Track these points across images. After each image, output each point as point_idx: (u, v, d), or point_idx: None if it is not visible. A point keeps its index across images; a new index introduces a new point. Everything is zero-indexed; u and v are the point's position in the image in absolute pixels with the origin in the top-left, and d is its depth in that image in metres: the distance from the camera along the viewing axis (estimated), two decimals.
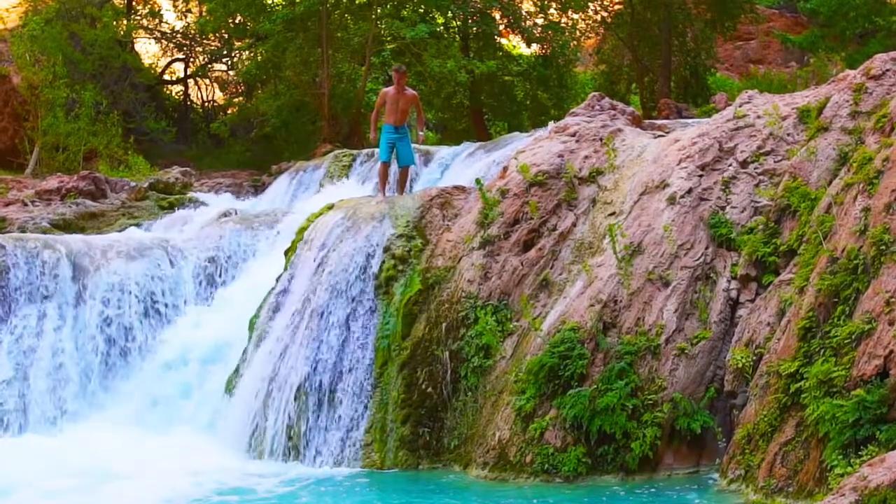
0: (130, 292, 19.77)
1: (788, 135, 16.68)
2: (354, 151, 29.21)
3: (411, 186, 23.01)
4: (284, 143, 38.49)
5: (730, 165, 16.50)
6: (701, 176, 16.36)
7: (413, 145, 21.09)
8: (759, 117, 17.17)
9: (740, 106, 17.83)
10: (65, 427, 18.02)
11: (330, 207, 19.24)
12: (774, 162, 16.36)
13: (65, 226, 25.21)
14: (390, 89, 19.03)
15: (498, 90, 40.17)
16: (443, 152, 27.12)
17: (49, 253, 19.82)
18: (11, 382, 18.24)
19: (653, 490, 13.54)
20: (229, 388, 17.47)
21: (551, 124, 20.13)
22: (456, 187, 19.30)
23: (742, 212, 15.87)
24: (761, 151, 16.56)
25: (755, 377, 13.54)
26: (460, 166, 24.88)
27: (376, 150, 28.05)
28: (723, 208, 15.93)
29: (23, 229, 24.23)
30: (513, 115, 40.21)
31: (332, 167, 27.95)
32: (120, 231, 24.08)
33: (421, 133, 19.87)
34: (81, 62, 37.50)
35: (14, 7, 40.10)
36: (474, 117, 39.65)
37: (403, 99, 19.06)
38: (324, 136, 35.18)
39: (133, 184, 28.93)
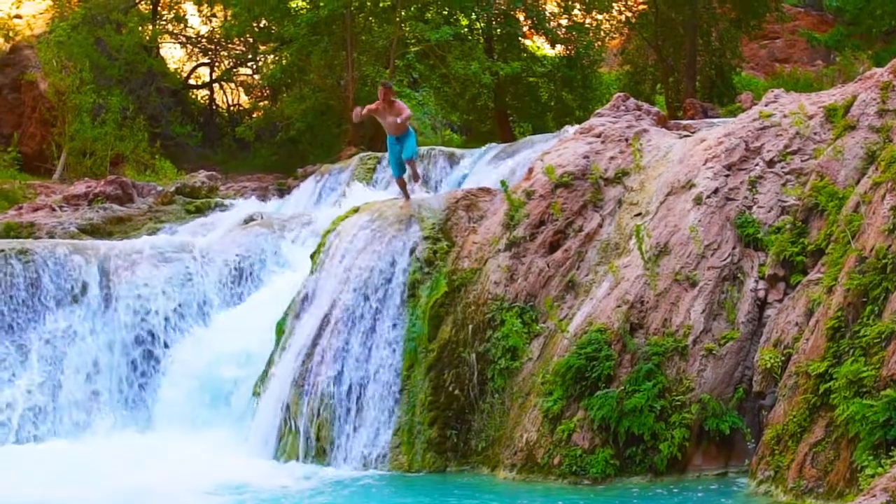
0: (158, 297, 19.85)
1: (815, 134, 16.60)
2: (379, 154, 29.19)
3: (436, 187, 23.06)
4: (309, 147, 38.60)
5: (756, 165, 16.43)
6: (727, 176, 16.30)
7: (439, 148, 21.13)
8: (785, 116, 17.09)
9: (766, 105, 17.75)
10: (93, 432, 18.12)
11: (355, 210, 19.27)
12: (801, 161, 16.28)
13: (92, 230, 25.35)
14: (375, 105, 18.03)
15: (522, 92, 40.14)
16: (467, 154, 27.12)
17: (78, 258, 19.94)
18: (41, 388, 18.36)
19: (682, 491, 13.47)
20: (257, 391, 17.53)
21: (569, 128, 20.11)
22: (481, 189, 19.29)
23: (769, 211, 15.80)
24: (788, 150, 16.49)
25: (784, 377, 13.46)
26: (485, 168, 24.89)
27: None
28: (749, 208, 15.86)
29: (51, 234, 24.38)
30: (537, 117, 40.15)
31: (357, 170, 28.00)
32: (147, 235, 24.19)
33: (406, 114, 18.00)
34: (107, 67, 37.73)
35: (41, 13, 40.39)
36: (499, 119, 39.62)
37: (391, 114, 17.90)
38: (348, 139, 35.23)
39: (159, 188, 29.05)
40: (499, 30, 39.39)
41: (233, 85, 47.52)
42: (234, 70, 46.85)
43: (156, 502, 13.55)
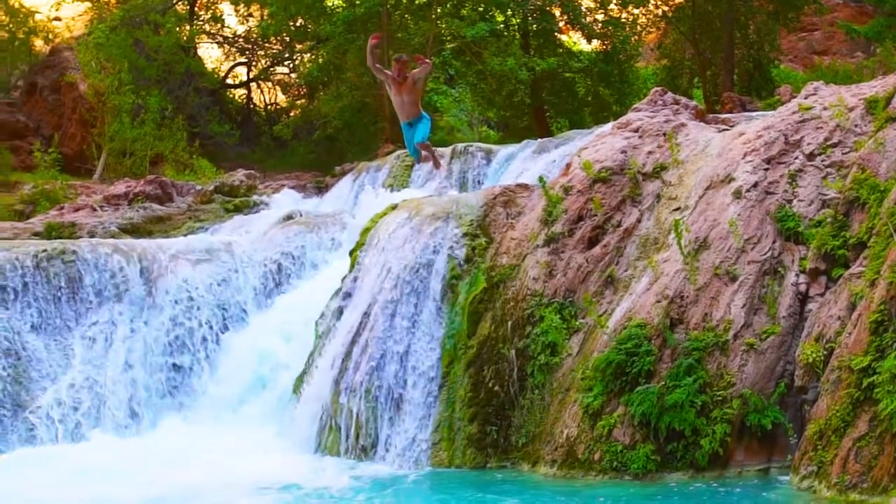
0: (198, 295, 19.99)
1: (856, 126, 16.46)
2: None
3: (473, 184, 23.03)
4: (347, 144, 38.72)
5: (796, 158, 16.31)
6: (767, 169, 16.20)
7: (476, 144, 20.87)
8: (825, 109, 16.96)
9: (806, 98, 17.63)
10: (136, 429, 18.26)
11: (394, 207, 19.31)
12: (842, 154, 16.14)
13: (133, 230, 25.56)
14: (393, 73, 16.20)
15: (559, 87, 40.10)
16: (505, 150, 27.10)
17: (118, 258, 20.10)
18: (84, 386, 18.51)
19: (723, 487, 13.42)
20: (297, 388, 17.60)
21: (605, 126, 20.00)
22: (519, 185, 19.26)
23: (809, 205, 15.68)
24: (828, 143, 16.35)
25: (826, 372, 13.36)
26: (522, 164, 24.87)
27: (439, 148, 28.20)
28: (790, 201, 15.75)
29: (92, 234, 24.60)
30: (574, 112, 40.08)
31: (394, 167, 28.08)
32: (187, 234, 24.35)
33: (427, 62, 16.76)
34: (146, 68, 38.05)
35: (79, 15, 40.76)
36: (536, 115, 39.58)
37: (406, 91, 16.25)
38: (386, 137, 35.31)
39: (198, 187, 29.25)
40: (535, 25, 39.35)
41: (270, 84, 47.79)
42: (272, 69, 47.12)
43: (201, 500, 13.63)
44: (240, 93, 48.33)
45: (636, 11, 40.68)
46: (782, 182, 16.00)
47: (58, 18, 42.35)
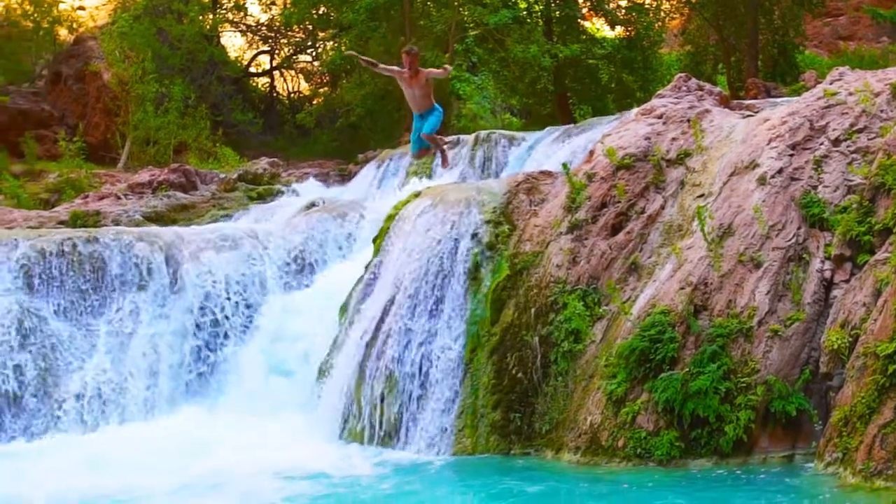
0: (222, 283, 20.05)
1: (882, 111, 16.35)
2: (439, 138, 29.24)
3: (496, 171, 22.98)
4: (370, 132, 38.73)
5: (821, 144, 16.23)
6: (792, 155, 16.12)
7: (499, 131, 20.70)
8: (850, 94, 16.86)
9: (831, 83, 17.53)
10: (160, 415, 18.35)
11: (417, 195, 19.31)
12: (868, 139, 16.04)
13: (157, 218, 25.68)
14: (404, 71, 15.84)
15: (582, 74, 39.95)
16: (528, 138, 27.06)
17: (143, 245, 20.18)
18: (109, 373, 18.62)
19: (748, 474, 13.40)
20: (321, 374, 17.65)
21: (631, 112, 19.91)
22: (542, 172, 19.23)
23: (835, 191, 15.60)
24: (854, 129, 16.26)
25: (851, 359, 13.30)
26: (545, 151, 24.82)
27: (462, 136, 28.19)
28: (815, 188, 15.67)
29: (116, 222, 24.73)
30: (597, 99, 39.93)
31: None
32: (211, 222, 24.44)
33: (448, 67, 16.37)
34: (169, 57, 38.16)
35: (103, 5, 40.91)
36: (559, 102, 39.47)
37: (417, 85, 15.79)
38: (408, 124, 35.16)
39: (222, 175, 29.36)
40: (557, 12, 39.21)
41: (293, 72, 47.86)
42: (294, 57, 47.18)
43: (227, 487, 13.70)
44: (263, 81, 48.43)
45: None
46: (807, 168, 15.92)
47: (82, 7, 42.56)
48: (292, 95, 48.33)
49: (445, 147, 16.90)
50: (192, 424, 17.53)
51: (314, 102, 45.62)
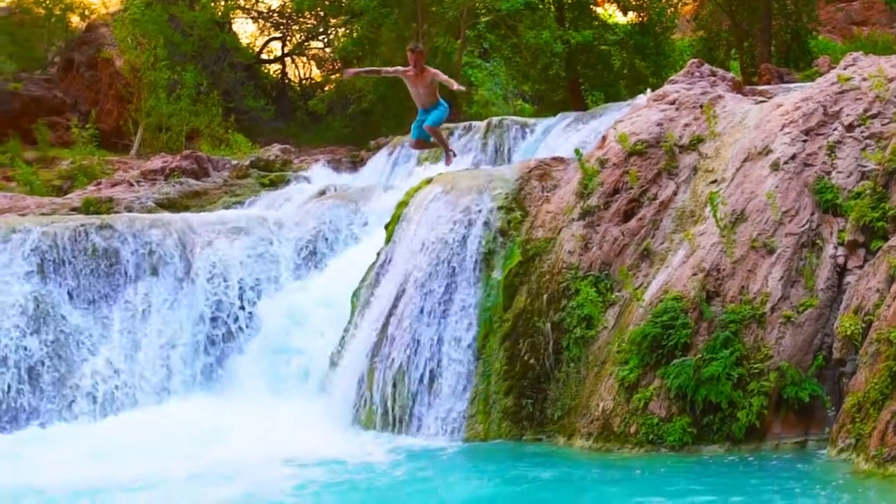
0: (234, 270, 20.09)
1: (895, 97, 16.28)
2: (451, 125, 29.20)
3: (509, 157, 22.95)
4: (382, 119, 38.70)
5: (835, 130, 16.17)
6: (805, 141, 16.07)
7: (511, 117, 20.56)
8: (864, 80, 16.78)
9: (844, 69, 17.45)
10: (172, 402, 18.41)
11: (429, 181, 19.29)
12: (881, 125, 15.97)
13: (169, 205, 25.73)
14: (408, 69, 15.73)
15: (594, 60, 39.85)
16: (540, 124, 27.01)
17: (156, 232, 20.23)
18: (122, 360, 18.69)
19: (760, 460, 13.39)
20: (333, 361, 17.67)
21: (645, 93, 19.85)
22: (554, 158, 19.19)
23: (848, 177, 15.54)
24: (867, 114, 16.19)
25: (864, 345, 13.27)
26: (558, 137, 24.77)
27: (474, 122, 28.13)
28: (828, 173, 15.62)
29: (129, 209, 24.79)
30: (609, 85, 39.83)
31: None
32: (223, 209, 24.47)
33: (457, 86, 15.70)
34: (181, 44, 38.19)
35: None
36: (571, 88, 39.38)
37: (422, 83, 15.62)
38: None
39: (234, 162, 29.38)
40: None
41: (305, 58, 47.84)
42: (306, 44, 47.18)
43: (239, 475, 13.68)
44: (275, 68, 48.44)
45: None
46: (821, 154, 15.86)
47: None
48: (304, 82, 48.34)
49: (450, 150, 16.60)
50: (203, 411, 17.56)
51: (326, 89, 45.61)
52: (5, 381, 17.86)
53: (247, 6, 46.06)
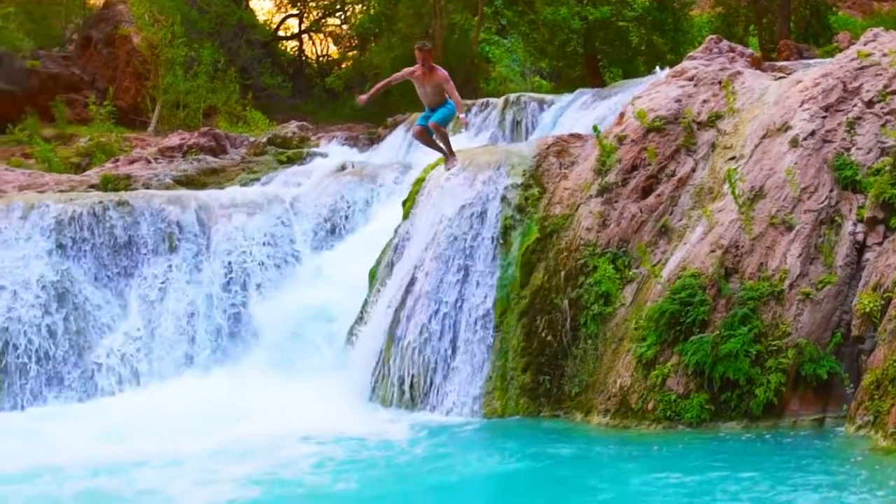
0: (252, 246, 20.13)
1: None
2: (469, 102, 29.11)
3: (526, 134, 22.86)
4: (399, 96, 38.54)
5: (854, 106, 16.07)
6: (824, 117, 15.98)
7: (529, 94, 20.49)
8: (884, 55, 16.66)
9: (865, 44, 17.33)
10: (191, 378, 18.48)
11: (442, 160, 19.23)
12: None
13: (187, 181, 25.75)
14: (415, 69, 15.31)
15: (612, 36, 39.58)
16: (558, 100, 26.91)
17: (174, 208, 20.28)
18: (140, 335, 18.77)
19: (778, 436, 13.38)
20: (351, 337, 17.71)
21: (661, 70, 19.75)
22: (572, 135, 19.14)
23: (868, 153, 15.45)
24: (888, 90, 16.08)
25: (884, 322, 13.24)
26: (576, 114, 24.67)
27: (492, 99, 28.05)
28: (848, 150, 15.53)
29: (147, 186, 24.82)
30: (627, 62, 39.58)
31: None
32: (241, 186, 24.49)
33: (463, 116, 15.40)
34: (198, 21, 38.10)
35: None
36: (588, 64, 39.17)
37: (430, 82, 15.17)
38: None
39: (252, 139, 29.37)
40: None
41: (322, 35, 47.70)
42: (323, 20, 46.99)
43: (257, 452, 13.76)
44: (292, 45, 48.31)
45: None
46: (840, 130, 15.78)
47: None
48: (321, 59, 48.21)
49: (453, 155, 15.96)
50: (221, 388, 17.64)
51: (343, 66, 45.47)
52: (24, 357, 17.96)
53: None
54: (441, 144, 15.78)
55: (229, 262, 19.86)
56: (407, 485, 11.92)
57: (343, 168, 23.71)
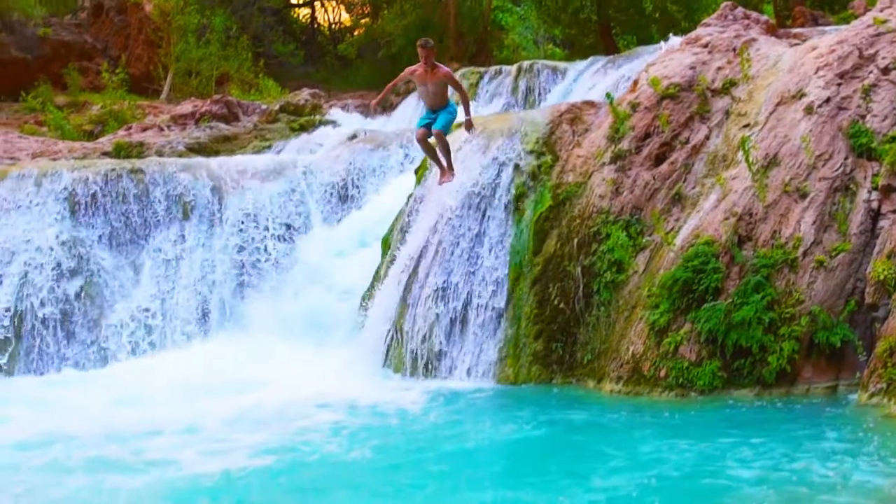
0: (265, 214, 20.15)
1: None
2: (482, 69, 29.11)
3: (539, 101, 22.79)
4: (410, 63, 38.45)
5: (870, 73, 15.96)
6: (840, 84, 15.88)
7: (542, 61, 20.47)
8: None
9: (881, 11, 17.18)
10: (205, 345, 18.55)
11: (459, 125, 19.19)
12: None
13: (199, 149, 25.79)
14: (417, 67, 14.73)
15: (626, 4, 39.35)
16: (571, 68, 26.85)
17: (187, 176, 20.30)
18: (154, 302, 18.84)
19: (790, 404, 13.38)
20: (363, 305, 17.73)
21: (675, 37, 19.67)
22: (585, 102, 19.06)
23: (883, 120, 15.36)
24: None
25: None
26: (589, 81, 24.62)
27: (505, 66, 27.98)
28: (863, 117, 15.45)
29: (160, 153, 24.86)
30: (641, 29, 39.38)
31: None
32: (253, 153, 24.50)
33: (469, 118, 14.92)
34: None
35: None
36: (602, 32, 39.00)
37: (433, 81, 14.58)
38: (450, 55, 35.07)
39: (264, 107, 29.37)
40: None
41: (334, 2, 47.56)
42: None
43: (271, 419, 13.77)
44: (304, 12, 48.23)
45: None
46: (855, 97, 15.69)
47: None
48: (333, 26, 48.12)
49: (452, 169, 15.47)
50: (235, 355, 17.67)
51: (355, 33, 45.39)
52: (38, 323, 18.05)
53: None
54: (441, 156, 15.10)
55: (242, 230, 19.88)
56: (422, 453, 11.91)
57: (355, 136, 23.69)
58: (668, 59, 18.38)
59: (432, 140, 15.22)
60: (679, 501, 9.59)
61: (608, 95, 18.06)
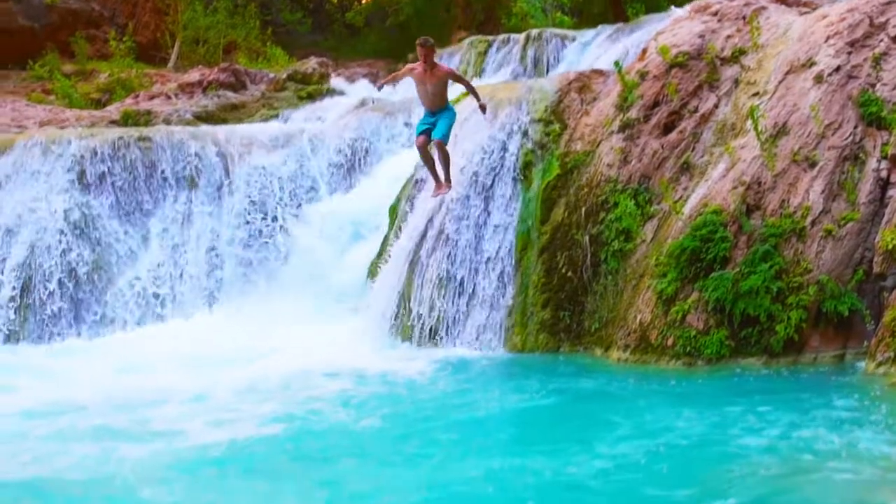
0: (272, 182, 20.13)
1: None
2: (489, 38, 28.97)
3: (548, 69, 22.66)
4: (419, 32, 38.24)
5: (881, 41, 15.88)
6: (850, 53, 15.80)
7: (551, 30, 20.36)
8: None
9: None
10: (212, 314, 18.60)
11: (467, 94, 19.15)
12: None
13: (207, 117, 25.74)
14: (416, 66, 13.85)
15: None
16: (580, 36, 26.71)
17: (195, 144, 20.29)
18: (161, 270, 18.86)
19: (797, 373, 13.38)
20: (372, 273, 17.75)
21: (685, 5, 19.53)
22: (594, 71, 19.02)
23: (893, 89, 15.29)
24: None
25: None
26: (598, 50, 24.51)
27: (513, 35, 27.84)
28: (873, 86, 15.37)
29: (167, 121, 24.82)
30: None
31: (467, 54, 27.84)
32: (261, 121, 24.46)
33: (482, 101, 14.31)
34: None
35: None
36: (611, 0, 38.80)
37: (433, 81, 13.72)
38: (458, 24, 34.92)
39: (272, 75, 29.28)
40: None
41: None
42: None
43: (279, 388, 13.80)
44: None
45: None
46: (866, 66, 15.61)
47: None
48: None
49: (448, 182, 14.48)
50: (243, 324, 17.77)
51: (363, 1, 45.18)
52: (46, 292, 18.09)
53: None
54: (440, 167, 14.30)
55: (250, 198, 19.88)
56: (430, 421, 11.91)
57: (363, 104, 23.63)
58: (677, 27, 18.30)
59: (432, 148, 14.37)
60: (686, 469, 9.60)
61: (617, 64, 18.00)
